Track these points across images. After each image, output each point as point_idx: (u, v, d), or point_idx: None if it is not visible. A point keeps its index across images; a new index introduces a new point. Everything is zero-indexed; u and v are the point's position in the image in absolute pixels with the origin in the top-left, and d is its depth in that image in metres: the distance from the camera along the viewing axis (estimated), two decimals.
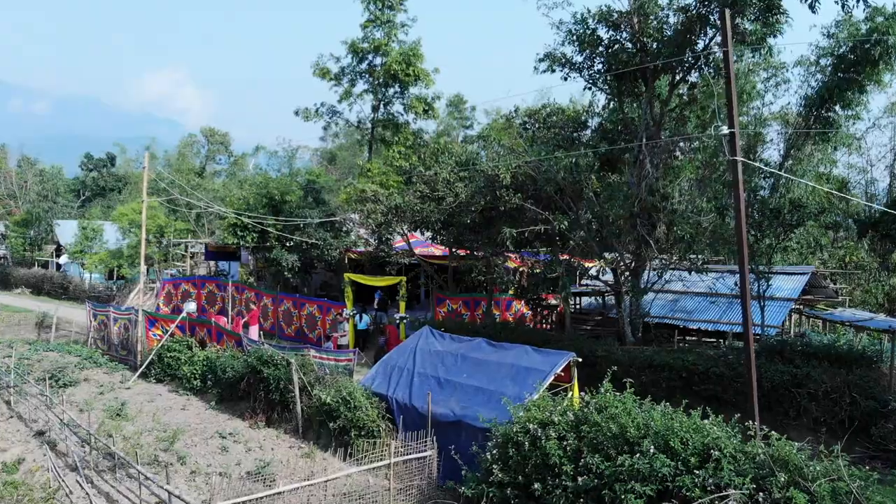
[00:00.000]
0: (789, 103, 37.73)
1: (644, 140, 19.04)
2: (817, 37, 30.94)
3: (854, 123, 34.96)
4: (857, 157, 42.85)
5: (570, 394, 13.43)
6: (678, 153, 19.26)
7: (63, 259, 49.33)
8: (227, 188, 49.62)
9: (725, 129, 10.28)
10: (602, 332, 22.73)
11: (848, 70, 27.10)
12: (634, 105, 22.44)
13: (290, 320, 28.74)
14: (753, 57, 28.01)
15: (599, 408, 10.19)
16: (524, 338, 21.02)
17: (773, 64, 36.40)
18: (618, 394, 10.41)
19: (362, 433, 14.14)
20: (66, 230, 51.93)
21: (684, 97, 20.74)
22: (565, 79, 21.44)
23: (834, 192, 27.08)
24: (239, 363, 18.06)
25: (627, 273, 20.14)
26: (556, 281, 19.17)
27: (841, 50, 28.16)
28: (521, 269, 22.17)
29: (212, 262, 37.81)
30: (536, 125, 25.10)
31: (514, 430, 10.63)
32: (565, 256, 22.04)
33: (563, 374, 13.71)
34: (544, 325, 25.62)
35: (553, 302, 24.56)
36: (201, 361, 19.82)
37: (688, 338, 23.18)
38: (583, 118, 24.09)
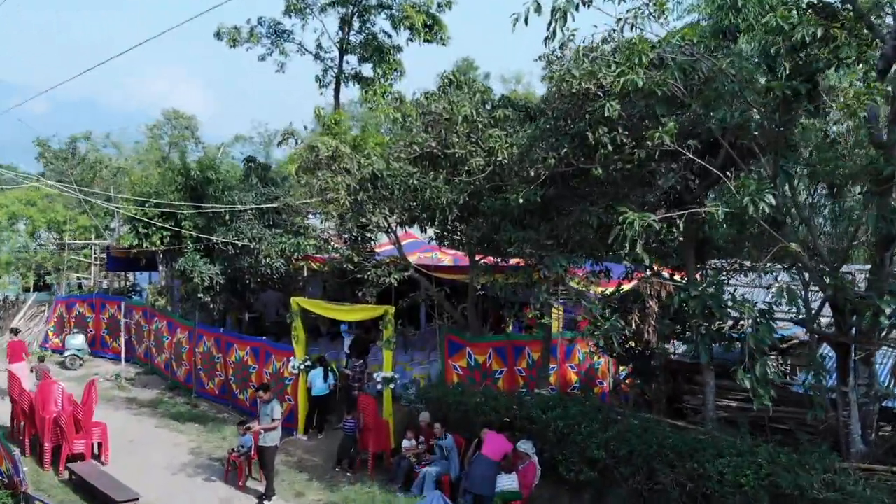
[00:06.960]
0: None
1: None
2: None
3: None
4: None
5: None
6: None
7: None
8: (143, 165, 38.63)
9: None
10: (766, 416, 11.74)
11: None
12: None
13: (211, 369, 17.90)
14: None
15: None
16: (632, 447, 10.17)
17: None
18: None
19: None
20: None
21: None
22: None
23: None
24: None
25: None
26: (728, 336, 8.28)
27: None
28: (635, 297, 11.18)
29: (122, 274, 27.01)
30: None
31: None
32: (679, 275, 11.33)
33: None
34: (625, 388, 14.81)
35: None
36: None
37: None
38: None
